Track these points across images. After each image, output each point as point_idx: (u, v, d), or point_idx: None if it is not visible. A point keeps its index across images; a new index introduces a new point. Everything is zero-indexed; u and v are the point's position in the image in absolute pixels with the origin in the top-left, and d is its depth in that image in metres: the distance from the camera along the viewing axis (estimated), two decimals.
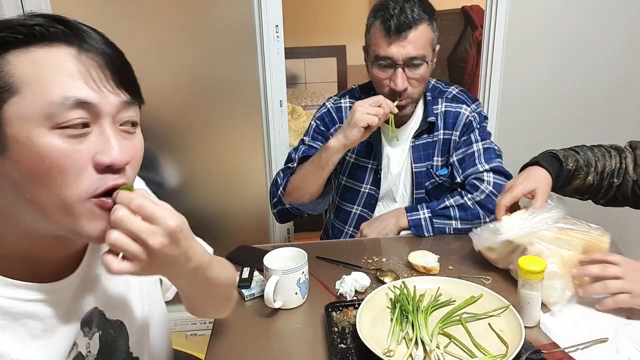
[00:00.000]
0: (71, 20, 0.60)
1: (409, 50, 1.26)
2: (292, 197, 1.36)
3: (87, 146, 0.57)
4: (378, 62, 1.30)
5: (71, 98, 0.56)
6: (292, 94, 3.89)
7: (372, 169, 1.47)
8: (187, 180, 2.08)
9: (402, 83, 1.29)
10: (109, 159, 0.58)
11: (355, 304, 1.01)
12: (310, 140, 1.46)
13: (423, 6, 1.28)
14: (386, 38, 1.26)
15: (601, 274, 0.97)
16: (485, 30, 2.02)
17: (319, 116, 1.49)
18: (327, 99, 1.53)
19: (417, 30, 1.26)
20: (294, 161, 1.43)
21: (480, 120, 1.44)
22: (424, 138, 1.44)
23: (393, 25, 1.24)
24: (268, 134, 1.99)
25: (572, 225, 1.11)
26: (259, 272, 1.16)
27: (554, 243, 1.06)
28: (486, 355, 0.84)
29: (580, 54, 2.03)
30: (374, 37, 1.30)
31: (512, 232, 1.09)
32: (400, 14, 1.24)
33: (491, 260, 1.18)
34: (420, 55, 1.28)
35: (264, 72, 1.90)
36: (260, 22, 1.83)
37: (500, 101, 2.07)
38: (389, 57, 1.27)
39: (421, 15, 1.26)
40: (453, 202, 1.36)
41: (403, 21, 1.24)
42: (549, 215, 1.10)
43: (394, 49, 1.26)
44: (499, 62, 2.01)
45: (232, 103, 1.98)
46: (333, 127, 1.47)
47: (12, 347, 0.60)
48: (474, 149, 1.41)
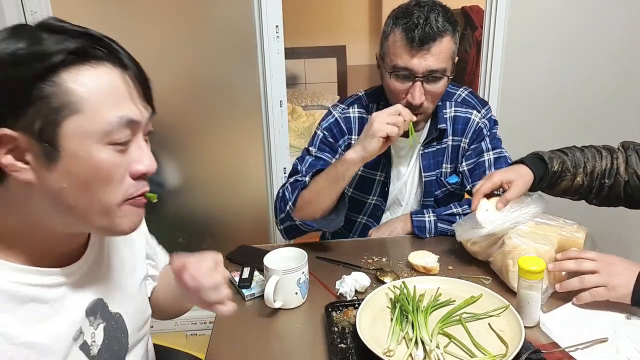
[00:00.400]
0: (103, 38, 0.64)
1: (430, 63, 1.19)
2: (304, 212, 1.28)
3: (127, 157, 0.65)
4: (396, 73, 1.23)
5: (125, 118, 0.63)
6: (292, 94, 3.89)
7: (379, 181, 1.43)
8: (187, 180, 2.08)
9: (419, 97, 1.22)
10: (145, 168, 0.66)
11: (355, 304, 1.01)
12: (316, 151, 1.39)
13: (447, 17, 1.21)
14: (408, 48, 1.19)
15: (577, 269, 1.01)
16: (485, 30, 2.02)
17: (326, 126, 1.41)
18: (333, 106, 1.45)
19: (441, 43, 1.19)
20: (300, 173, 1.36)
21: (490, 126, 1.40)
22: (433, 146, 1.40)
23: (417, 36, 1.16)
24: (268, 134, 1.99)
25: (548, 220, 1.15)
26: (259, 272, 1.16)
27: (530, 237, 1.09)
28: (486, 355, 0.84)
29: (580, 54, 2.03)
30: (393, 45, 1.22)
31: (492, 226, 1.12)
32: (425, 24, 1.16)
33: (472, 253, 1.21)
34: (441, 69, 1.21)
35: (264, 72, 1.90)
36: (260, 22, 1.83)
37: (500, 101, 2.07)
38: (409, 69, 1.20)
39: (446, 26, 1.19)
40: (460, 210, 1.34)
41: (428, 32, 1.16)
42: (527, 210, 1.14)
43: (415, 61, 1.19)
44: (499, 62, 2.01)
45: (232, 103, 1.98)
46: (342, 139, 1.41)
47: (19, 329, 0.63)
48: (485, 158, 1.37)
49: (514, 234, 1.11)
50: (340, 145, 1.41)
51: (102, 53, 0.62)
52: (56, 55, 0.58)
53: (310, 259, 1.09)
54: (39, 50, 0.57)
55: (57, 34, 0.59)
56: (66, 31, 0.60)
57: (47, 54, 0.57)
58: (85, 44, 0.60)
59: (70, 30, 0.61)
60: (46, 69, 0.57)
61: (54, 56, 0.58)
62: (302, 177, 1.34)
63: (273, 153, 2.01)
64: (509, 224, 1.13)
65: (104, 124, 0.61)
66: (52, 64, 0.58)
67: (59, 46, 0.58)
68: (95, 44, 0.61)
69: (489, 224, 1.12)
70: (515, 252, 1.06)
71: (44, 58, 0.57)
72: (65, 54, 0.58)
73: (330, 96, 4.03)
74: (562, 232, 1.12)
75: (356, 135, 1.40)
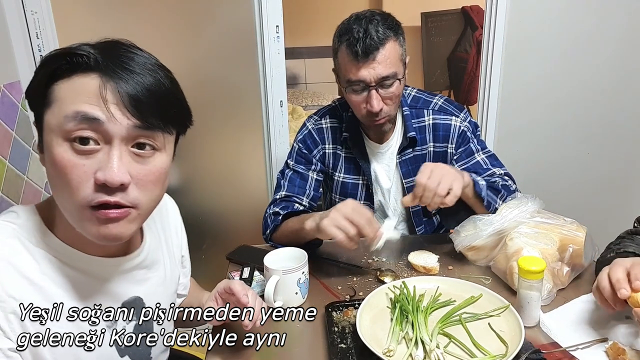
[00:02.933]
0: (114, 51, 0.67)
1: (379, 71, 1.22)
2: (281, 243, 1.30)
3: (92, 162, 0.64)
4: (351, 87, 1.27)
5: (80, 113, 0.63)
6: (292, 94, 3.89)
7: (363, 185, 1.45)
8: (187, 180, 2.08)
9: (377, 104, 1.26)
10: (103, 177, 0.63)
11: (355, 304, 1.01)
12: (294, 164, 1.44)
13: (387, 23, 1.24)
14: (355, 62, 1.23)
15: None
16: (485, 30, 2.02)
17: (300, 138, 1.46)
18: (308, 118, 1.50)
19: (385, 50, 1.22)
20: (282, 188, 1.40)
21: (473, 129, 1.42)
22: (410, 153, 1.41)
23: (360, 50, 1.21)
24: (268, 134, 1.99)
25: (548, 219, 1.15)
26: (259, 272, 1.16)
27: (532, 238, 1.09)
28: (486, 355, 0.84)
29: (580, 53, 2.03)
30: (342, 62, 1.27)
31: (491, 228, 1.13)
32: (365, 37, 1.20)
33: (473, 261, 1.21)
34: (391, 74, 1.24)
35: (264, 72, 1.90)
36: (260, 22, 1.83)
37: (500, 101, 2.07)
38: (360, 81, 1.24)
39: (386, 33, 1.22)
40: (499, 177, 1.35)
41: (369, 43, 1.20)
42: (526, 209, 1.14)
43: (364, 72, 1.23)
44: (499, 62, 2.01)
45: (232, 103, 1.98)
46: (315, 149, 1.44)
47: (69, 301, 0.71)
48: (477, 158, 1.39)
49: (516, 235, 1.11)
50: (314, 155, 1.44)
51: (99, 63, 0.64)
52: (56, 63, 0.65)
53: (310, 259, 1.09)
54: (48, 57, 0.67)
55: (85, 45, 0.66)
56: (87, 45, 0.67)
57: (52, 62, 0.66)
58: (88, 52, 0.65)
59: (95, 44, 0.67)
60: (50, 74, 0.65)
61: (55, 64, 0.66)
62: (279, 205, 1.35)
63: (273, 153, 2.01)
64: (509, 224, 1.13)
65: (61, 117, 0.63)
66: (52, 69, 0.65)
67: (61, 58, 0.65)
68: (98, 54, 0.65)
69: (488, 227, 1.14)
70: (519, 254, 1.06)
71: (50, 64, 0.66)
72: (62, 63, 0.65)
73: (330, 96, 4.04)
74: (563, 230, 1.11)
75: (329, 145, 1.45)
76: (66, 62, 0.64)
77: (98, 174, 0.63)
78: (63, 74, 0.65)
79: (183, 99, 0.75)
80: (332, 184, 1.49)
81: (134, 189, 0.67)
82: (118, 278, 0.78)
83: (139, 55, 0.69)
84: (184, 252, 1.01)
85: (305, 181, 1.42)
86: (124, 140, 0.65)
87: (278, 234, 1.33)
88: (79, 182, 0.63)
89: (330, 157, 1.45)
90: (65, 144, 0.64)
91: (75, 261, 0.72)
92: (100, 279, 0.76)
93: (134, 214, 0.68)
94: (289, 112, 3.40)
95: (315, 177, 1.43)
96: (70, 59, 0.64)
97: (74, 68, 0.64)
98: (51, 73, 0.65)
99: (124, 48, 0.69)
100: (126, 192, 0.66)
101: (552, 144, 2.12)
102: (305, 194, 1.40)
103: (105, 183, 0.63)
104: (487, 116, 2.07)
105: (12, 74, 1.65)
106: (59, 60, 0.65)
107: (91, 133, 0.63)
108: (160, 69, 0.70)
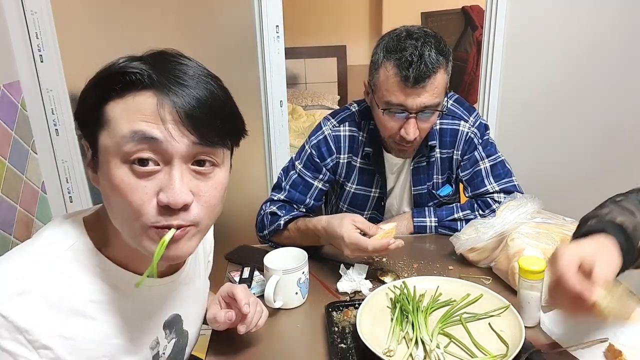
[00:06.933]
0: (165, 64, 0.66)
1: (424, 100, 1.15)
2: (281, 244, 1.25)
3: (153, 183, 0.63)
4: (389, 110, 1.19)
5: (139, 133, 0.61)
6: (292, 94, 3.89)
7: (374, 197, 1.42)
8: None
9: (414, 133, 1.19)
10: (166, 199, 0.62)
11: (355, 304, 1.01)
12: (302, 167, 1.36)
13: (439, 48, 1.15)
14: (402, 86, 1.14)
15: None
16: (485, 30, 2.02)
17: (314, 143, 1.36)
18: (324, 120, 1.40)
19: (435, 79, 1.14)
20: (282, 190, 1.35)
21: (481, 133, 1.36)
22: (423, 160, 1.38)
23: (412, 75, 1.12)
24: (268, 134, 1.99)
25: (549, 219, 1.15)
26: (259, 272, 1.16)
27: (533, 238, 1.09)
28: (486, 355, 0.84)
29: (580, 53, 2.03)
30: (386, 81, 1.17)
31: (493, 231, 1.13)
32: (420, 62, 1.11)
33: (474, 262, 1.20)
34: (435, 104, 1.18)
35: (264, 72, 1.90)
36: (260, 22, 1.83)
37: (500, 101, 2.07)
38: (402, 106, 1.16)
39: (439, 60, 1.14)
40: (462, 215, 1.34)
41: (423, 70, 1.12)
42: (526, 210, 1.14)
43: (409, 99, 1.15)
44: (499, 62, 2.01)
45: None
46: (329, 158, 1.36)
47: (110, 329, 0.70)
48: (481, 167, 1.36)
49: (517, 235, 1.10)
50: (326, 164, 1.37)
51: (152, 81, 0.62)
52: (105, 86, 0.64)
53: (310, 259, 1.09)
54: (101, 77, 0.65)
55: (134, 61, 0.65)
56: (136, 60, 0.65)
57: (104, 83, 0.64)
58: (140, 70, 0.62)
59: (145, 57, 0.66)
60: (103, 94, 0.64)
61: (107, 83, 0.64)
62: (276, 204, 1.33)
63: (273, 153, 2.00)
64: (510, 226, 1.12)
65: (118, 137, 0.61)
66: (105, 90, 0.63)
67: (113, 77, 0.64)
68: (151, 71, 0.63)
69: (490, 229, 1.14)
70: (521, 254, 1.05)
71: (102, 85, 0.64)
72: (114, 83, 0.63)
73: (330, 96, 4.04)
74: (564, 230, 1.11)
75: (345, 154, 1.37)
76: (119, 82, 0.62)
77: (161, 196, 0.62)
78: (116, 93, 0.63)
79: (237, 110, 0.73)
80: (341, 193, 1.45)
81: (196, 206, 0.65)
82: (163, 298, 0.79)
83: (190, 66, 0.67)
84: (210, 258, 1.01)
85: (308, 189, 1.36)
86: (183, 159, 0.63)
87: (280, 238, 1.30)
88: (140, 205, 0.62)
89: (344, 166, 1.39)
90: (125, 166, 0.62)
91: (126, 283, 0.70)
92: (146, 302, 0.75)
93: (194, 231, 0.67)
94: (289, 112, 3.41)
95: (320, 186, 1.37)
96: (124, 78, 0.62)
97: (127, 87, 0.62)
98: (103, 94, 0.63)
99: (174, 60, 0.67)
100: (188, 210, 0.64)
101: (552, 144, 2.12)
102: (304, 203, 1.35)
103: (168, 205, 0.62)
104: (487, 116, 2.08)
105: (11, 74, 1.64)
106: (111, 81, 0.63)
107: (150, 154, 0.62)
108: (212, 79, 0.68)
